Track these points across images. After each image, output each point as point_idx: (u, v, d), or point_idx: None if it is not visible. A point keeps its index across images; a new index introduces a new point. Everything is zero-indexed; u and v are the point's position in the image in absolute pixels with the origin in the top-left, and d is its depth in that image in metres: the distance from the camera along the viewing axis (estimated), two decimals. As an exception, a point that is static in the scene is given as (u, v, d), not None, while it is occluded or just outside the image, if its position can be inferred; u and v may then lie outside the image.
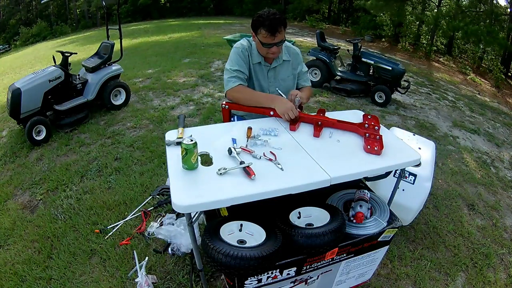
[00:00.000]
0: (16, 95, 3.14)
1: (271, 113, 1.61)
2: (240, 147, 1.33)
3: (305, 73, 1.89)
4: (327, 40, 5.58)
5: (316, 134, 1.49)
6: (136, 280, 1.77)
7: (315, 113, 1.66)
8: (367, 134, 1.43)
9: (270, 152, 1.33)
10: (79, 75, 3.94)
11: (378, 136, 1.40)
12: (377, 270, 1.95)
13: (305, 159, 1.31)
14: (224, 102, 1.71)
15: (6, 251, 2.11)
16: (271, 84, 1.77)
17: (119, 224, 2.24)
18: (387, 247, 1.55)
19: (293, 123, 1.54)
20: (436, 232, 2.38)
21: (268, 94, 1.72)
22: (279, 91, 1.71)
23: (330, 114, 1.68)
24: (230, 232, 1.23)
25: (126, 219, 2.29)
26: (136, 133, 3.62)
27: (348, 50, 6.03)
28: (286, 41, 1.73)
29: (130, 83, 4.98)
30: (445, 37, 13.55)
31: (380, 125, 1.54)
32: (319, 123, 1.53)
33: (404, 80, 5.20)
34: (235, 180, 1.16)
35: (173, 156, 1.28)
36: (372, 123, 1.50)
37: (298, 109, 1.59)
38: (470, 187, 3.08)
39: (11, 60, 11.30)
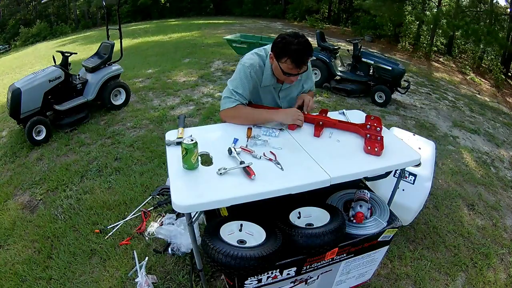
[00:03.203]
0: (16, 95, 3.15)
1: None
2: (240, 147, 1.34)
3: (313, 79, 1.84)
4: (327, 40, 5.58)
5: (317, 133, 1.49)
6: (136, 280, 1.77)
7: (317, 113, 1.66)
8: (368, 135, 1.43)
9: (270, 152, 1.33)
10: (79, 75, 3.94)
11: (379, 137, 1.40)
12: (377, 270, 1.95)
13: (305, 159, 1.31)
14: None
15: (6, 251, 2.11)
16: (281, 102, 1.71)
17: (119, 224, 2.24)
18: (387, 247, 1.55)
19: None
20: (436, 232, 2.38)
21: (268, 110, 1.60)
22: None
23: (332, 114, 1.68)
24: (230, 232, 1.23)
25: (126, 219, 2.29)
26: (136, 133, 3.62)
27: (348, 50, 6.04)
28: None
29: (130, 83, 4.98)
30: (445, 37, 13.55)
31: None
32: (320, 123, 1.53)
33: (404, 80, 5.19)
34: (235, 180, 1.16)
35: (173, 156, 1.28)
36: (375, 124, 1.50)
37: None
38: (470, 187, 3.08)
39: (11, 60, 11.28)
